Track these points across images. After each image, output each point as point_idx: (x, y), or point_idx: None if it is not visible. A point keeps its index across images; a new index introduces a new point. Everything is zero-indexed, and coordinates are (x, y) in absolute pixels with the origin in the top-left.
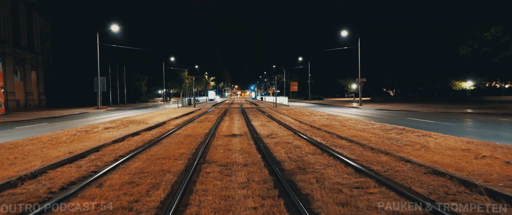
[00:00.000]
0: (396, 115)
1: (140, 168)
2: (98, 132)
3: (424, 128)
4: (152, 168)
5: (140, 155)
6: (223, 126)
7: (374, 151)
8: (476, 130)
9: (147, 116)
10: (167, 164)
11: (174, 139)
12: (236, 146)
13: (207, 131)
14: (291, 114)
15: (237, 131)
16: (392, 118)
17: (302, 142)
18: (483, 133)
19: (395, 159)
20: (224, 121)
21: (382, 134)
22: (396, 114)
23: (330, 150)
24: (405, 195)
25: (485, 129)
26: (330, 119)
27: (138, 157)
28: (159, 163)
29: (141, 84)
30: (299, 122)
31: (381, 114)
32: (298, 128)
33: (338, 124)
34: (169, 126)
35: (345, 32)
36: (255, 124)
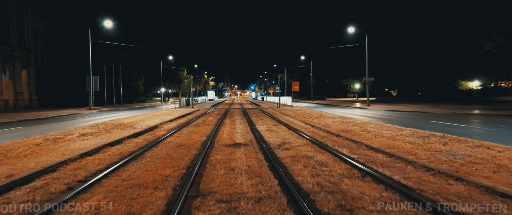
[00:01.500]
0: (413, 117)
1: (97, 209)
2: (70, 140)
3: (460, 133)
4: (115, 209)
5: (108, 179)
6: (224, 131)
7: (435, 174)
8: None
9: (139, 118)
10: (140, 199)
11: (162, 150)
12: (241, 162)
13: (204, 139)
14: (298, 115)
15: (241, 138)
16: (411, 121)
17: (326, 156)
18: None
19: (483, 192)
20: (225, 125)
21: (422, 143)
22: (412, 115)
23: (372, 171)
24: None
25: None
26: (345, 122)
27: (103, 184)
28: (128, 197)
29: (138, 83)
30: (310, 125)
31: (396, 115)
32: (313, 134)
33: (358, 129)
34: (160, 132)
35: (352, 28)
36: (260, 129)
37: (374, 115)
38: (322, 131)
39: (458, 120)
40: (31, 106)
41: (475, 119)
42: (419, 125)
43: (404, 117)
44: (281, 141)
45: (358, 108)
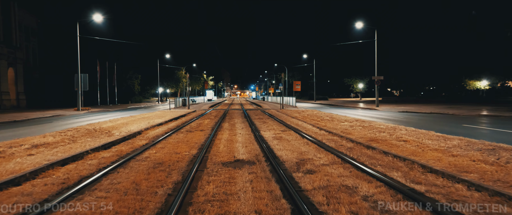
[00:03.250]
0: (437, 120)
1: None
2: (11, 155)
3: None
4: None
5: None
6: (221, 139)
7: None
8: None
9: (122, 122)
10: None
11: (130, 174)
12: (245, 201)
13: (194, 152)
14: (306, 118)
15: (243, 150)
16: (439, 125)
17: (376, 186)
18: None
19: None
20: (223, 130)
21: (496, 160)
22: (433, 118)
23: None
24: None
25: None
26: (366, 127)
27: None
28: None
29: (134, 83)
30: (326, 131)
31: (416, 118)
32: (335, 145)
33: (389, 137)
34: (140, 140)
35: (360, 24)
36: (267, 136)
37: (390, 117)
38: (345, 139)
39: (496, 124)
40: (18, 106)
41: (508, 122)
42: (456, 131)
43: (426, 119)
44: (298, 156)
45: (367, 109)
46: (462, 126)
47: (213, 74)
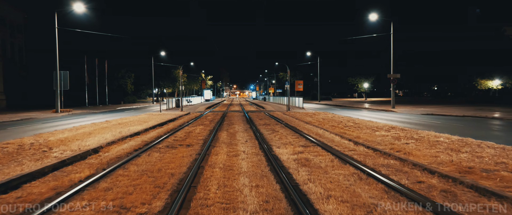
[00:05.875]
0: (476, 125)
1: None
2: None
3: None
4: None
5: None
6: (216, 163)
7: None
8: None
9: (87, 131)
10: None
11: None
12: None
13: (160, 204)
14: (325, 124)
15: (254, 198)
16: (501, 134)
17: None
18: None
19: None
20: (219, 145)
21: None
22: (474, 122)
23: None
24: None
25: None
26: (409, 138)
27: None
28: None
29: (126, 82)
30: (365, 147)
31: (452, 124)
32: (407, 183)
33: (464, 158)
34: (84, 170)
35: (375, 15)
36: (284, 158)
37: (420, 121)
38: (410, 165)
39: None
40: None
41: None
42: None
43: (468, 125)
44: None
45: (382, 111)
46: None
47: (212, 73)
